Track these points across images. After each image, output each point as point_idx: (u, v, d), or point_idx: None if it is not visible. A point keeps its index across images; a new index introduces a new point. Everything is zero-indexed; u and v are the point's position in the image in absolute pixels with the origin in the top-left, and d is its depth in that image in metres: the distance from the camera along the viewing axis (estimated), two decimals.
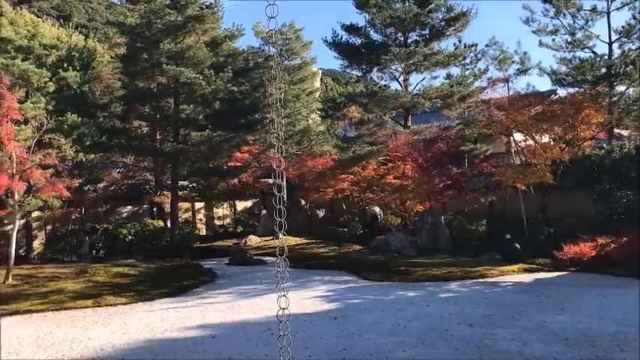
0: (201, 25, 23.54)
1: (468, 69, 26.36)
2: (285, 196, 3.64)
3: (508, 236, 19.88)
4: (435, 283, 15.88)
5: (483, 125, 23.64)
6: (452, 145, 24.57)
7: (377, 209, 26.06)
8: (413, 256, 20.20)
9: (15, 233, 17.90)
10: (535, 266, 17.45)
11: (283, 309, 3.54)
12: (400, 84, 27.17)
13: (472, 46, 25.95)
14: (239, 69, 25.47)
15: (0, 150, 17.68)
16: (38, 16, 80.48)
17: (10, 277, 17.04)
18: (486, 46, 25.20)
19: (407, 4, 25.55)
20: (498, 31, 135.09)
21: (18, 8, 75.03)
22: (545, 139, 22.01)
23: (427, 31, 26.38)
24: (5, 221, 21.72)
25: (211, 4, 23.63)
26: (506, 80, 23.40)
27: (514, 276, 16.47)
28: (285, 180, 3.77)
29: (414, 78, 34.89)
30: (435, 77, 27.29)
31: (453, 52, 25.86)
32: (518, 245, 18.78)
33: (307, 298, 13.83)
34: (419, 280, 16.30)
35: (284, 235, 3.62)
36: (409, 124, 27.14)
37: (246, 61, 27.04)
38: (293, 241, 24.18)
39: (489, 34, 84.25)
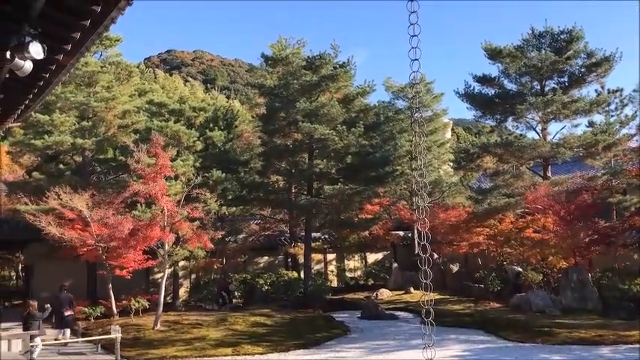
0: (334, 83, 24.54)
1: (612, 115, 24.65)
2: (425, 254, 3.64)
3: None
4: (582, 346, 14.64)
5: (633, 175, 21.84)
6: (598, 196, 22.88)
7: (517, 266, 24.74)
8: (557, 316, 18.81)
9: (164, 281, 19.32)
10: None
11: None
12: (538, 133, 26.03)
13: (617, 91, 24.29)
14: (370, 123, 25.97)
15: (154, 204, 19.42)
16: (187, 80, 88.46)
17: (159, 324, 18.30)
18: (634, 90, 23.49)
19: (543, 52, 24.72)
20: None
21: (169, 74, 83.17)
22: None
23: (566, 79, 25.20)
24: (156, 270, 23.58)
25: (344, 63, 24.57)
26: None
27: None
28: (424, 238, 3.77)
29: (553, 127, 33.30)
30: (576, 125, 25.73)
31: (596, 99, 24.38)
32: None
33: (442, 358, 13.32)
34: (565, 343, 15.13)
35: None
36: (549, 174, 25.75)
37: (377, 115, 27.55)
38: (422, 295, 23.54)
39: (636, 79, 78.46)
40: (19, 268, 34.45)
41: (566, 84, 25.08)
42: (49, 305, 15.56)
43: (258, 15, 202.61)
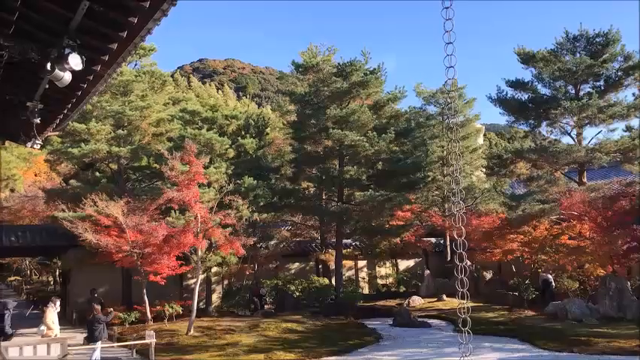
0: (365, 90, 24.54)
1: None
2: (461, 263, 3.61)
3: None
4: (622, 356, 14.23)
5: None
6: (636, 202, 22.29)
7: (551, 273, 24.27)
8: (594, 325, 18.36)
9: (197, 287, 19.52)
10: None
11: None
12: (573, 138, 25.55)
13: None
14: (401, 129, 25.87)
15: (187, 211, 19.67)
16: (219, 88, 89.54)
17: (192, 329, 18.49)
18: None
19: (577, 55, 24.27)
20: None
21: (202, 83, 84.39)
22: None
23: (602, 82, 24.68)
24: (189, 276, 23.87)
25: (374, 69, 24.56)
26: None
27: None
28: (460, 246, 3.74)
29: (589, 131, 32.65)
30: (613, 130, 25.30)
31: (634, 103, 23.81)
32: None
33: None
34: (603, 352, 14.73)
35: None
36: (584, 180, 25.23)
37: (407, 121, 27.43)
38: (458, 303, 23.24)
39: None
40: (57, 273, 35.31)
41: (602, 88, 24.56)
42: (112, 309, 15.84)
43: (288, 23, 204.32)
